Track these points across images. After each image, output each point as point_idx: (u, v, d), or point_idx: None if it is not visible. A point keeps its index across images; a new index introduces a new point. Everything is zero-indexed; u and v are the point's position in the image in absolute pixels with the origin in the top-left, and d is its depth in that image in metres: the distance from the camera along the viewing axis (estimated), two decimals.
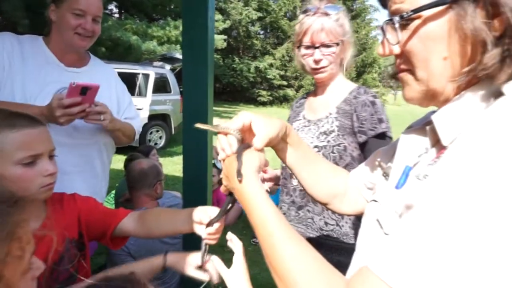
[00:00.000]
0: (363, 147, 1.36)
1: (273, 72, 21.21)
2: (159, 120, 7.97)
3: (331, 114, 1.41)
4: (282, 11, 21.77)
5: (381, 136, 1.32)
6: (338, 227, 1.38)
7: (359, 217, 0.80)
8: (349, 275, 0.72)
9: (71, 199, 1.18)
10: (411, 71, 0.58)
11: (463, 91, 0.54)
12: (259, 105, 21.71)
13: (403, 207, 0.58)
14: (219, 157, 0.79)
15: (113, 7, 13.92)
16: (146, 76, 7.57)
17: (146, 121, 7.24)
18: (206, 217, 1.02)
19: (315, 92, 1.53)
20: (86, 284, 0.76)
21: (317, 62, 1.38)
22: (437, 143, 0.59)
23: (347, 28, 1.39)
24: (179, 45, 10.51)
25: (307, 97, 1.60)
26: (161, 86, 8.04)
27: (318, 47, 1.36)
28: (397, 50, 0.59)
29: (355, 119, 1.34)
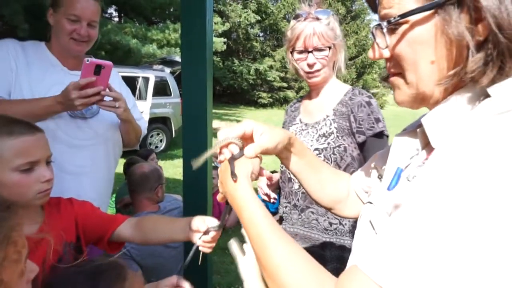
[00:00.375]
0: (362, 147, 1.39)
1: (273, 74, 21.22)
2: (159, 123, 8.01)
3: (328, 116, 1.43)
4: (281, 13, 21.81)
5: (379, 135, 1.36)
6: (341, 225, 1.40)
7: None
8: None
9: (68, 203, 1.19)
10: (402, 74, 0.60)
11: (452, 94, 0.55)
12: (259, 107, 21.71)
13: (392, 207, 0.59)
14: (218, 159, 0.80)
15: (112, 11, 13.97)
16: (146, 79, 7.59)
17: (146, 124, 7.26)
18: (203, 225, 1.04)
19: (310, 95, 1.55)
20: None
21: (310, 66, 1.41)
22: (427, 145, 0.60)
23: (338, 31, 1.42)
24: (178, 48, 10.52)
25: (301, 101, 1.62)
26: (161, 89, 8.07)
27: (311, 51, 1.39)
28: (386, 54, 0.60)
29: (352, 120, 1.37)
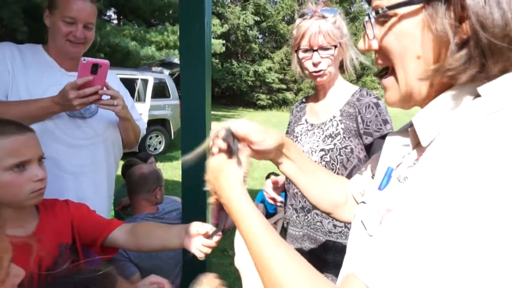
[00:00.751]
0: (368, 148, 1.35)
1: (272, 75, 21.23)
2: (158, 125, 7.98)
3: (335, 117, 1.40)
4: (280, 15, 21.85)
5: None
6: (346, 228, 1.38)
7: None
8: (341, 277, 0.72)
9: (64, 205, 1.19)
10: (392, 72, 0.60)
11: (442, 93, 0.55)
12: (258, 108, 21.71)
13: (384, 210, 0.58)
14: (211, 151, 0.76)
15: (111, 13, 13.99)
16: (145, 81, 7.58)
17: (145, 125, 7.26)
18: (203, 229, 1.04)
19: (316, 96, 1.52)
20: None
21: (315, 64, 1.37)
22: (418, 144, 0.60)
23: (344, 30, 1.38)
24: (177, 50, 10.52)
25: (307, 101, 1.59)
26: (160, 91, 8.04)
27: (316, 50, 1.35)
28: (375, 45, 0.60)
29: (360, 121, 1.34)
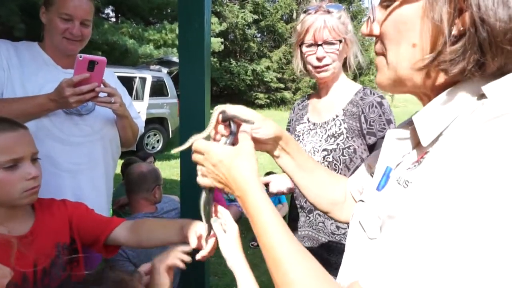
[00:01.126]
0: (371, 148, 1.33)
1: (270, 75, 21.18)
2: (156, 123, 7.95)
3: (338, 116, 1.38)
4: (278, 14, 21.80)
5: None
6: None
7: None
8: (340, 276, 0.71)
9: (61, 205, 1.17)
10: (384, 55, 0.59)
11: (444, 90, 0.53)
12: (256, 108, 21.68)
13: (385, 215, 0.56)
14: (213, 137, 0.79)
15: (109, 11, 13.92)
16: (143, 79, 7.55)
17: (143, 123, 7.25)
18: (204, 229, 1.01)
19: (319, 94, 1.50)
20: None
21: (319, 59, 1.34)
22: (418, 144, 0.58)
23: (349, 27, 1.36)
24: (175, 49, 10.48)
25: (309, 99, 1.56)
26: (158, 89, 8.02)
27: (320, 45, 1.32)
28: (376, 30, 0.60)
29: (363, 120, 1.32)
